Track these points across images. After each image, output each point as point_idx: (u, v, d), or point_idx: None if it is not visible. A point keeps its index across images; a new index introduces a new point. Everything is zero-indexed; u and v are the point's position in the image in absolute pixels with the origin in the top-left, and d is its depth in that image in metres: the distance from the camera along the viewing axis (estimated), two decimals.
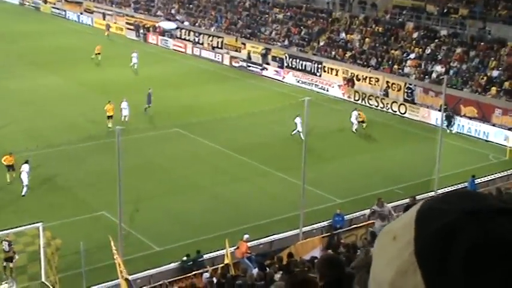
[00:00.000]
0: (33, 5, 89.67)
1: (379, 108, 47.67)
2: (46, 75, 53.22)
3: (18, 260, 23.80)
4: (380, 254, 1.46)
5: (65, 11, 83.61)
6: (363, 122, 42.70)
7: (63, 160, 35.19)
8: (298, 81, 53.97)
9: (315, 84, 52.77)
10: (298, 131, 38.67)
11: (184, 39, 67.38)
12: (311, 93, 46.97)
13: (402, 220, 1.44)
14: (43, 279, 23.49)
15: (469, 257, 1.28)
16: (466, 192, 1.43)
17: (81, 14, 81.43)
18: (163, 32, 68.96)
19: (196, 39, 66.17)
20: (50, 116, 42.74)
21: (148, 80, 51.65)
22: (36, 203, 30.04)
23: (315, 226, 27.60)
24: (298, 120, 38.53)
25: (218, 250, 25.11)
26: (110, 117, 40.00)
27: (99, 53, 57.33)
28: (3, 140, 36.76)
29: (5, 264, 23.70)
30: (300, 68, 55.43)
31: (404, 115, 46.22)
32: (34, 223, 23.14)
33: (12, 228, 23.46)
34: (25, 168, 30.98)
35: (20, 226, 23.51)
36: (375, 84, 49.94)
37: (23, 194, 30.71)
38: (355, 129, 42.13)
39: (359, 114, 42.62)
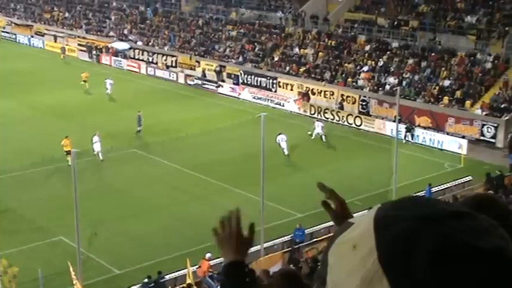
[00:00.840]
0: None
1: (334, 121, 47.99)
2: None
3: None
4: (339, 265, 1.46)
5: (15, 34, 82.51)
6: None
7: (16, 186, 34.50)
8: (254, 97, 54.05)
9: (271, 100, 52.93)
10: (283, 148, 39.15)
11: (138, 59, 67.02)
12: (267, 109, 47.08)
13: (358, 229, 1.46)
14: None
15: (431, 260, 1.33)
16: (418, 198, 1.49)
17: (32, 37, 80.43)
18: (116, 53, 68.50)
19: (150, 59, 65.88)
20: (1, 140, 41.94)
21: (103, 101, 51.21)
22: None
23: (276, 241, 27.55)
24: (280, 137, 38.99)
25: (180, 270, 24.87)
26: (68, 152, 34.58)
27: (86, 80, 55.43)
28: None
29: None
30: (255, 84, 55.55)
31: (360, 127, 46.60)
32: None
33: None
34: None
35: None
36: (329, 98, 50.30)
37: None
38: (324, 139, 43.00)
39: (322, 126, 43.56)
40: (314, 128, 43.91)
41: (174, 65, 63.52)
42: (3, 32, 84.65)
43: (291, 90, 52.91)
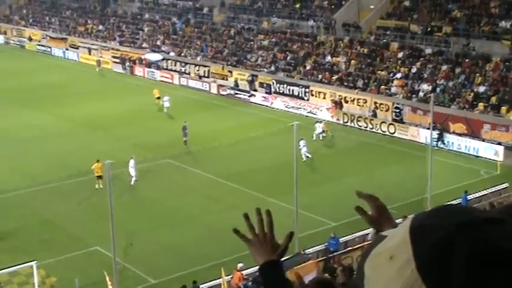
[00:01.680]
0: (18, 43, 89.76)
1: (368, 129, 47.76)
2: (33, 112, 53.08)
3: None
4: (376, 276, 1.49)
5: (50, 47, 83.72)
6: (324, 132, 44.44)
7: (54, 197, 34.98)
8: (287, 106, 54.07)
9: (303, 108, 52.90)
10: (304, 154, 39.06)
11: (171, 69, 67.51)
12: (300, 118, 46.99)
13: (394, 239, 1.49)
14: None
15: (469, 266, 1.36)
16: (452, 207, 1.53)
17: (67, 49, 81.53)
18: (149, 64, 69.10)
19: (183, 69, 66.32)
20: (38, 153, 42.51)
21: (137, 112, 51.65)
22: (29, 241, 29.78)
23: (310, 250, 27.46)
24: (302, 143, 38.94)
25: (214, 280, 24.92)
26: (99, 177, 35.00)
27: (159, 97, 54.46)
28: None
29: None
30: (288, 93, 55.57)
31: (393, 135, 46.30)
32: (27, 262, 22.90)
33: (5, 268, 23.19)
34: None
35: (13, 266, 23.24)
36: (362, 106, 50.10)
37: None
38: (322, 138, 43.76)
39: (323, 125, 44.43)
40: (315, 128, 44.59)
41: (206, 75, 63.84)
42: (38, 45, 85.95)
43: (324, 98, 52.82)
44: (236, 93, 58.61)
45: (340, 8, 62.31)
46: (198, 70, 64.82)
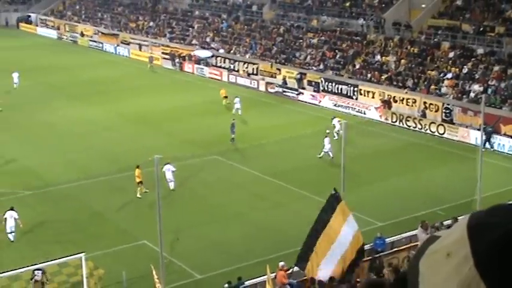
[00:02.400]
0: (71, 38, 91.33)
1: (417, 129, 47.30)
2: (84, 106, 54.02)
3: None
4: (432, 273, 1.51)
5: (102, 43, 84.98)
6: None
7: (103, 190, 35.56)
8: (335, 105, 53.88)
9: (352, 108, 52.65)
10: (324, 151, 39.03)
11: (220, 66, 67.89)
12: (348, 117, 46.87)
13: (451, 237, 1.51)
14: None
15: None
16: (510, 205, 1.53)
17: (118, 45, 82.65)
18: (198, 61, 69.59)
19: (232, 67, 66.63)
20: (89, 147, 43.26)
21: (185, 108, 52.09)
22: (78, 234, 30.34)
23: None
24: (326, 140, 38.90)
25: (259, 277, 25.01)
26: (140, 183, 34.32)
27: (226, 96, 54.38)
28: (44, 172, 37.26)
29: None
30: (336, 91, 55.38)
31: (443, 135, 45.76)
32: (76, 254, 23.33)
33: (55, 259, 23.69)
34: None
35: (63, 257, 23.71)
36: (412, 106, 49.62)
37: None
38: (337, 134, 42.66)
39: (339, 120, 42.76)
40: (334, 125, 44.00)
41: (255, 72, 64.03)
42: (90, 41, 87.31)
43: (373, 97, 52.49)
44: (284, 91, 58.64)
45: (390, 6, 61.81)
46: (246, 67, 65.04)
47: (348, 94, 54.41)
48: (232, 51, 69.19)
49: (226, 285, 24.47)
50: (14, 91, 58.15)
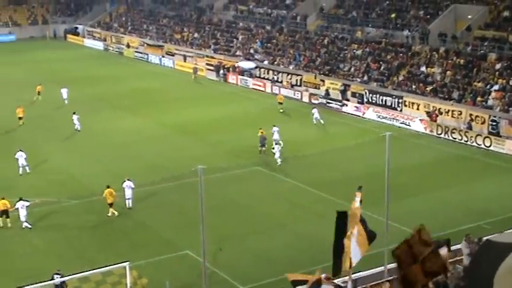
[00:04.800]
0: (117, 49, 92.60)
1: (462, 141, 46.69)
2: (129, 117, 54.67)
3: None
4: None
5: (147, 54, 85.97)
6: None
7: (147, 200, 35.88)
8: (379, 117, 53.55)
9: (396, 119, 52.24)
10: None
11: (264, 78, 68.07)
12: (392, 128, 46.55)
13: None
14: None
15: None
16: None
17: (163, 57, 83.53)
18: (242, 72, 69.89)
19: (275, 78, 66.75)
20: (133, 157, 43.74)
21: (229, 119, 52.29)
22: (122, 243, 30.66)
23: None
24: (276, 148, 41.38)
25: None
26: (110, 204, 33.85)
27: (281, 102, 56.35)
28: (88, 180, 37.77)
29: None
30: (380, 103, 55.03)
31: (489, 148, 45.07)
32: (121, 263, 23.55)
33: (99, 268, 23.95)
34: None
35: (107, 266, 23.96)
36: (457, 118, 49.01)
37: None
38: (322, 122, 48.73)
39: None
40: (313, 114, 50.13)
41: (298, 83, 64.03)
42: (136, 52, 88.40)
43: (417, 109, 52.01)
44: (328, 102, 58.50)
45: (436, 17, 61.27)
46: (290, 79, 65.09)
47: (392, 106, 54.01)
48: (276, 63, 69.31)
49: None
50: (62, 103, 59.02)
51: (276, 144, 41.91)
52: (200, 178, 22.56)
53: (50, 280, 24.43)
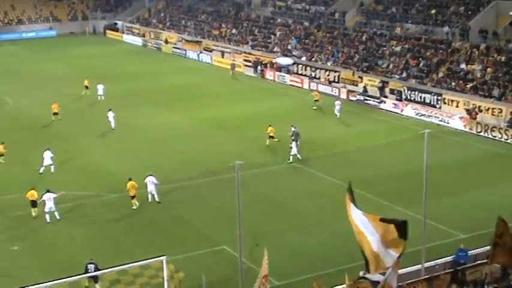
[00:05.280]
0: (155, 45, 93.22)
1: (503, 139, 46.05)
2: (167, 112, 55.06)
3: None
4: None
5: (185, 50, 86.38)
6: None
7: (184, 195, 36.12)
8: (417, 114, 53.06)
9: (435, 117, 51.71)
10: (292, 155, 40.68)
11: (301, 74, 67.93)
12: (431, 126, 46.04)
13: None
14: None
15: None
16: None
17: (201, 52, 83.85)
18: (280, 68, 69.83)
19: (313, 74, 66.55)
20: (171, 152, 44.05)
21: (266, 115, 52.30)
22: (159, 237, 30.92)
23: (437, 261, 26.81)
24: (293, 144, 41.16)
25: (338, 285, 24.85)
26: (133, 197, 34.61)
27: (317, 100, 56.11)
28: (126, 175, 38.10)
29: (87, 284, 24.64)
30: (419, 100, 54.53)
31: None
32: (158, 256, 23.75)
33: (137, 261, 24.17)
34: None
35: (145, 259, 24.17)
36: (498, 115, 48.33)
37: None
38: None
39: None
40: (335, 106, 51.85)
41: (336, 80, 63.76)
42: (174, 48, 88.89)
43: (457, 107, 51.43)
44: (366, 99, 58.17)
45: (476, 14, 60.47)
46: (328, 75, 64.86)
47: (431, 103, 53.48)
48: (313, 59, 69.12)
49: None
50: (88, 99, 59.52)
51: (293, 141, 41.57)
52: (237, 174, 22.63)
53: (85, 272, 24.89)
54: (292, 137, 42.20)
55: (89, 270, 25.21)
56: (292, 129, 43.23)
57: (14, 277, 26.11)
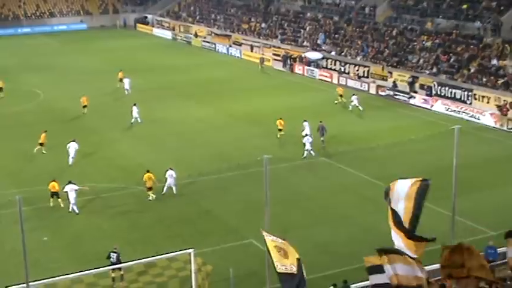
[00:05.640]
0: (185, 39, 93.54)
1: None
2: (196, 106, 55.26)
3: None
4: None
5: (214, 44, 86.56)
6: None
7: (213, 188, 36.27)
8: (447, 109, 52.62)
9: (465, 113, 51.25)
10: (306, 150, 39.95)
11: (330, 68, 67.71)
12: (461, 122, 45.71)
13: None
14: None
15: None
16: None
17: (230, 46, 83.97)
18: (309, 62, 69.68)
19: (342, 69, 66.31)
20: (199, 145, 44.23)
21: (295, 110, 52.25)
22: (188, 230, 31.12)
23: None
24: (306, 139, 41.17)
25: (365, 281, 24.80)
26: (149, 188, 35.04)
27: (341, 95, 55.54)
28: (155, 168, 38.35)
29: (113, 275, 24.89)
30: (449, 96, 54.06)
31: None
32: (186, 249, 23.91)
33: (165, 254, 24.37)
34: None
35: (173, 252, 24.36)
36: None
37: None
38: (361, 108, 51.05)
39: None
40: (352, 101, 51.99)
41: (366, 75, 63.46)
42: (204, 41, 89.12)
43: (487, 103, 50.90)
44: (395, 94, 57.82)
45: (509, 9, 59.72)
46: (357, 70, 64.57)
47: (462, 99, 52.99)
48: (343, 54, 68.85)
49: (331, 287, 24.40)
50: (121, 92, 59.87)
51: (306, 136, 41.53)
52: (265, 168, 22.65)
53: (108, 262, 25.48)
54: (306, 133, 42.54)
55: (111, 259, 25.67)
56: (319, 123, 43.36)
57: (44, 267, 26.45)
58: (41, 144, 42.40)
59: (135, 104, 50.09)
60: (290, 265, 17.34)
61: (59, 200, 33.50)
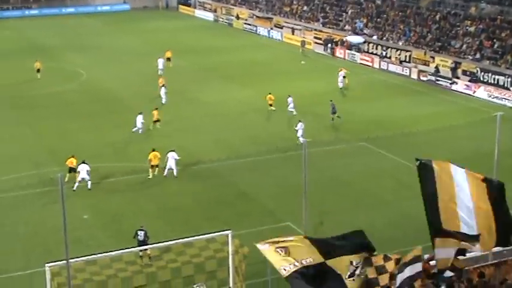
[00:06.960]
0: (227, 21, 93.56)
1: None
2: (237, 88, 55.37)
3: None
4: None
5: (256, 26, 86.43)
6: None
7: (251, 170, 36.41)
8: (490, 96, 51.87)
9: (508, 99, 50.46)
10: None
11: (372, 53, 67.18)
12: (504, 109, 45.06)
13: None
14: (231, 285, 24.34)
15: None
16: None
17: (271, 29, 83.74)
18: (350, 46, 69.21)
19: (384, 53, 65.73)
20: (239, 127, 44.38)
21: (336, 93, 52.01)
22: (226, 211, 31.34)
23: (506, 248, 26.33)
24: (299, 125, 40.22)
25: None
26: (154, 166, 35.49)
27: (345, 76, 55.47)
28: (195, 149, 38.65)
29: (141, 254, 25.15)
30: (492, 82, 53.27)
31: None
32: (223, 231, 24.08)
33: (203, 235, 24.58)
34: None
35: (211, 233, 24.55)
36: None
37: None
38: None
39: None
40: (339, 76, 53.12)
41: (407, 60, 62.83)
42: (245, 24, 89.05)
43: None
44: (437, 80, 57.18)
45: None
46: (399, 54, 63.96)
47: (505, 85, 52.19)
48: (385, 38, 68.21)
49: None
50: (167, 72, 59.92)
51: (299, 122, 40.92)
52: (304, 151, 22.60)
53: (135, 236, 26.09)
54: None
55: (139, 236, 26.12)
56: (330, 102, 45.04)
57: (84, 244, 26.93)
58: (156, 121, 43.65)
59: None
60: (293, 262, 16.91)
61: (70, 174, 33.96)
